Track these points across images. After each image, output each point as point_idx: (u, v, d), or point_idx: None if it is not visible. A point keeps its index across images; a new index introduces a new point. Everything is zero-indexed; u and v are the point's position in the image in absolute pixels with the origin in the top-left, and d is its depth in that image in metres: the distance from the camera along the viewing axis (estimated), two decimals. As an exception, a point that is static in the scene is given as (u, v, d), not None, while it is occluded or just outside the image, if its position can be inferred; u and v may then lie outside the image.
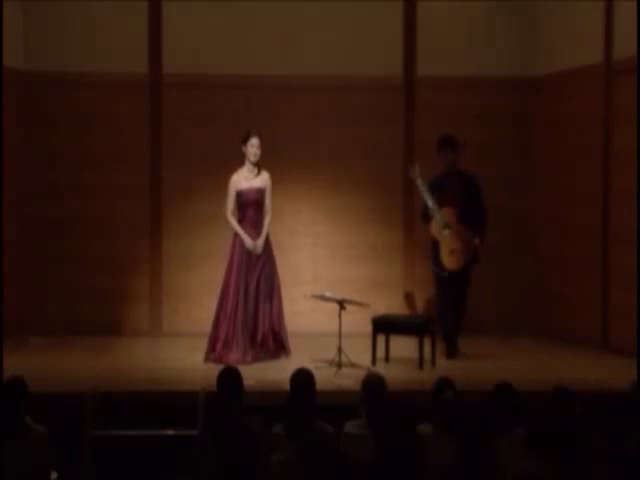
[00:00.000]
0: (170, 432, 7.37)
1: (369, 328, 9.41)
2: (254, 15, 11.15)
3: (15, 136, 10.61)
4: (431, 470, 5.71)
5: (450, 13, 11.24)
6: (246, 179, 9.67)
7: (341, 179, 11.25)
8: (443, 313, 9.80)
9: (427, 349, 9.22)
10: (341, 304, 9.28)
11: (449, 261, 9.70)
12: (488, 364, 9.43)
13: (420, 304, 11.17)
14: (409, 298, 11.13)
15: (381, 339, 9.43)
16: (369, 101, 11.24)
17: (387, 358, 9.47)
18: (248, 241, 9.51)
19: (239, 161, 11.15)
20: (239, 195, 9.61)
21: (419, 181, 9.74)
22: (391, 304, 10.90)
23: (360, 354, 9.25)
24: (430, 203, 9.63)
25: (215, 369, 6.67)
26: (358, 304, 9.34)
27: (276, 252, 11.20)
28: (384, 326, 9.47)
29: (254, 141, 9.62)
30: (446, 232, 9.68)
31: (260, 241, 9.57)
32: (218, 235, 11.14)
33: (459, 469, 5.28)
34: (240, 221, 9.60)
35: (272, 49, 11.16)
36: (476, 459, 5.26)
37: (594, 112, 10.34)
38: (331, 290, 9.92)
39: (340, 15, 11.20)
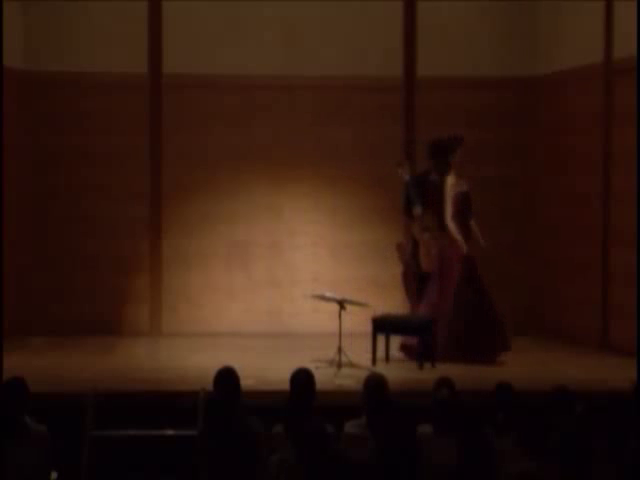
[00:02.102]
0: (170, 432, 7.37)
1: (369, 328, 9.41)
2: (254, 15, 11.15)
3: (15, 136, 10.61)
4: (431, 470, 5.71)
5: (450, 13, 11.25)
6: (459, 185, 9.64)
7: (341, 179, 11.26)
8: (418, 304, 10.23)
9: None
10: (341, 304, 9.28)
11: (424, 262, 10.09)
12: (488, 364, 9.42)
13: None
14: (400, 248, 11.16)
15: (381, 339, 9.43)
16: (369, 101, 11.24)
17: (387, 358, 9.47)
18: (465, 247, 9.51)
19: (239, 161, 11.21)
20: (457, 198, 9.58)
21: (408, 180, 10.05)
22: (391, 304, 10.89)
23: (360, 354, 9.25)
24: (417, 205, 9.97)
25: (215, 369, 6.65)
26: (358, 304, 9.34)
27: (276, 252, 11.28)
28: (384, 326, 9.47)
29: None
30: (426, 235, 10.02)
31: None
32: (218, 235, 11.18)
33: (459, 469, 5.28)
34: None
35: (272, 49, 11.16)
36: (476, 459, 5.26)
37: (594, 112, 10.34)
38: (331, 290, 9.93)
39: (340, 15, 11.20)
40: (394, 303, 11.01)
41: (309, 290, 10.50)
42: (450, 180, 9.62)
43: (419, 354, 9.13)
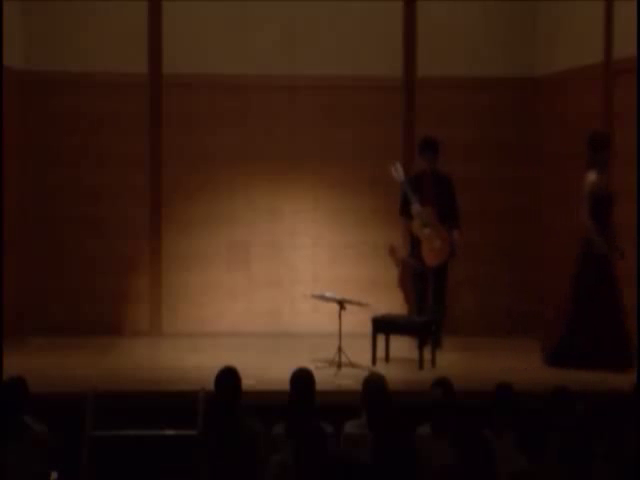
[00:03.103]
0: (170, 432, 7.37)
1: (369, 328, 9.41)
2: (254, 15, 11.15)
3: (15, 136, 10.61)
4: (430, 470, 5.72)
5: (450, 13, 11.24)
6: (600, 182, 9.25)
7: (341, 179, 11.26)
8: (419, 304, 10.23)
9: (427, 349, 9.22)
10: (341, 304, 9.28)
11: (429, 258, 10.07)
12: (488, 364, 9.43)
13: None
14: (393, 251, 11.17)
15: (381, 339, 9.43)
16: (369, 101, 11.24)
17: (387, 358, 9.47)
18: (604, 247, 9.13)
19: (239, 161, 11.21)
20: (596, 196, 9.20)
21: (404, 180, 10.11)
22: (391, 304, 10.90)
23: (360, 354, 9.24)
24: (414, 202, 10.00)
25: (215, 369, 6.66)
26: (358, 304, 9.34)
27: (276, 252, 11.27)
28: (384, 326, 9.46)
29: None
30: (427, 231, 10.03)
31: None
32: (218, 235, 11.18)
33: (458, 469, 5.29)
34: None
35: (272, 49, 11.16)
36: (475, 459, 5.26)
37: (594, 112, 10.33)
38: (331, 290, 9.93)
39: (340, 15, 11.19)
40: (394, 303, 11.03)
41: (309, 290, 10.51)
42: (590, 177, 9.25)
43: (420, 354, 9.13)
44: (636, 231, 9.38)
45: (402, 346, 9.72)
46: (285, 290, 11.23)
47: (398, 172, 10.12)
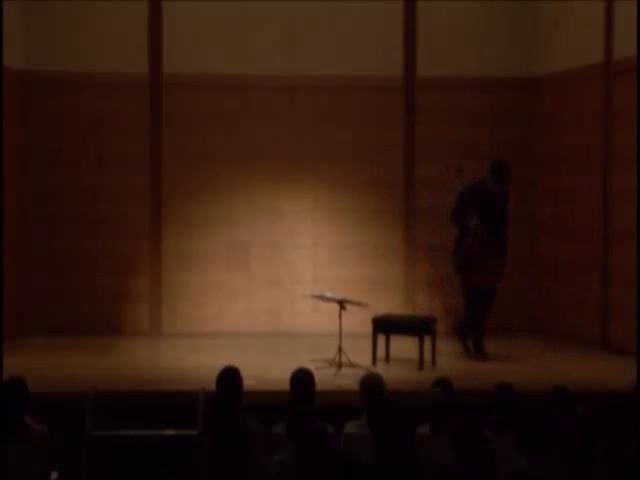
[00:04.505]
0: (170, 432, 7.37)
1: (369, 328, 9.41)
2: (254, 15, 11.16)
3: (15, 136, 10.61)
4: (430, 470, 5.72)
5: (450, 13, 11.25)
6: None
7: (341, 179, 11.26)
8: (470, 323, 9.88)
9: (427, 349, 9.22)
10: (341, 304, 9.28)
11: (480, 281, 9.78)
12: (488, 364, 9.44)
13: (420, 304, 11.14)
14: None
15: (381, 339, 9.43)
16: (369, 101, 11.25)
17: (387, 358, 9.47)
18: None
19: (239, 161, 11.22)
20: None
21: (463, 190, 9.76)
22: (391, 304, 10.91)
23: (360, 354, 9.25)
24: (474, 218, 9.66)
25: (215, 369, 6.66)
26: (358, 304, 9.34)
27: (276, 252, 11.28)
28: (384, 326, 9.47)
29: None
30: (482, 251, 9.71)
31: None
32: (218, 235, 11.19)
33: (457, 469, 5.29)
34: None
35: (272, 49, 11.16)
36: (475, 459, 5.26)
37: (594, 112, 10.34)
38: (331, 290, 9.93)
39: (340, 15, 11.20)
40: (394, 303, 11.03)
41: (309, 290, 10.51)
42: None
43: (420, 354, 9.12)
44: (636, 231, 9.39)
45: (402, 346, 9.72)
46: (285, 290, 11.23)
47: (461, 179, 9.77)
